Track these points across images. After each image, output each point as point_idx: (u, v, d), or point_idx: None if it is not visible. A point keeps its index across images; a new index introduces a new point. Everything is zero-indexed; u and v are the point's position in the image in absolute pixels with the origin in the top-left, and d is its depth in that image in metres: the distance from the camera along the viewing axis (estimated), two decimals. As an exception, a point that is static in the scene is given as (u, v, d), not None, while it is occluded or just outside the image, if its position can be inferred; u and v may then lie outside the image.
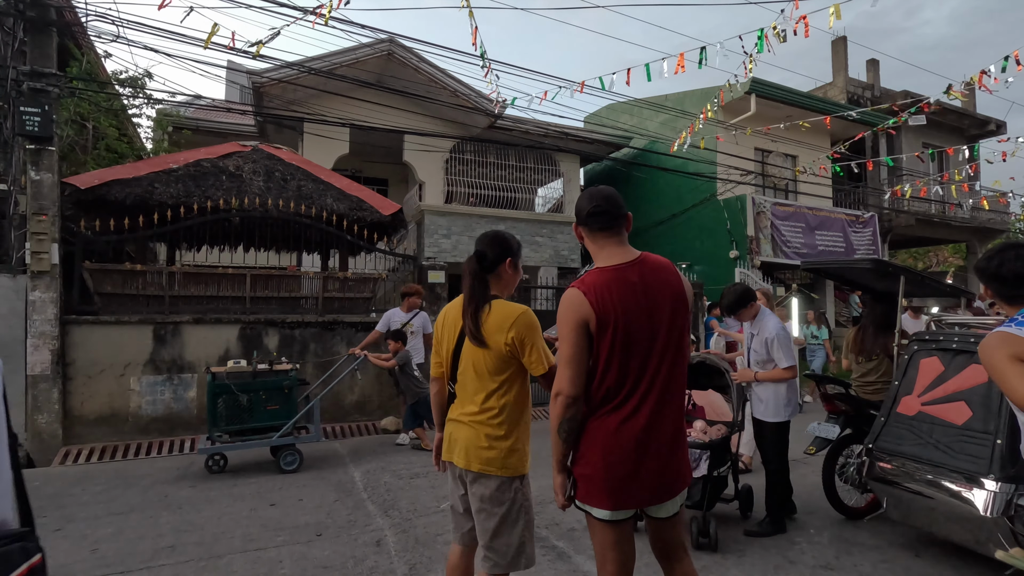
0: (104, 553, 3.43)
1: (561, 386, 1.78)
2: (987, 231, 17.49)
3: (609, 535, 1.83)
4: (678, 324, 1.87)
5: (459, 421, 2.13)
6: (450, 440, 2.16)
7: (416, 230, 12.14)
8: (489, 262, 2.14)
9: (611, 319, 1.77)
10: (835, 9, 5.51)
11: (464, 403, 2.13)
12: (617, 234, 1.92)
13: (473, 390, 2.10)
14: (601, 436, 1.80)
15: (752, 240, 12.16)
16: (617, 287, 1.80)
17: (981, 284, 2.02)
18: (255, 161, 7.41)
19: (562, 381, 1.78)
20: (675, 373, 1.86)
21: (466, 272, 2.12)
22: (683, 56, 6.59)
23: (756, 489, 4.06)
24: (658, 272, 1.88)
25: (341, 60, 10.46)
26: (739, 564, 3.29)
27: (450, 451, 2.16)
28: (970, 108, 17.65)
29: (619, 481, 1.78)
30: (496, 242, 2.18)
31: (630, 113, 14.78)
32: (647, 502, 1.84)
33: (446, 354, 2.20)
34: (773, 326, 3.78)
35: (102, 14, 6.61)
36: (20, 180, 6.22)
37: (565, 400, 1.78)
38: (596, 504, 1.81)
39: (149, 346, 6.33)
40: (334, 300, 7.40)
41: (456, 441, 2.12)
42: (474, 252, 2.16)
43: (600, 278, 1.82)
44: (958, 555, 3.33)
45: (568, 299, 1.82)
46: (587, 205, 1.92)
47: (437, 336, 2.26)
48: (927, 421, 3.35)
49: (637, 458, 1.79)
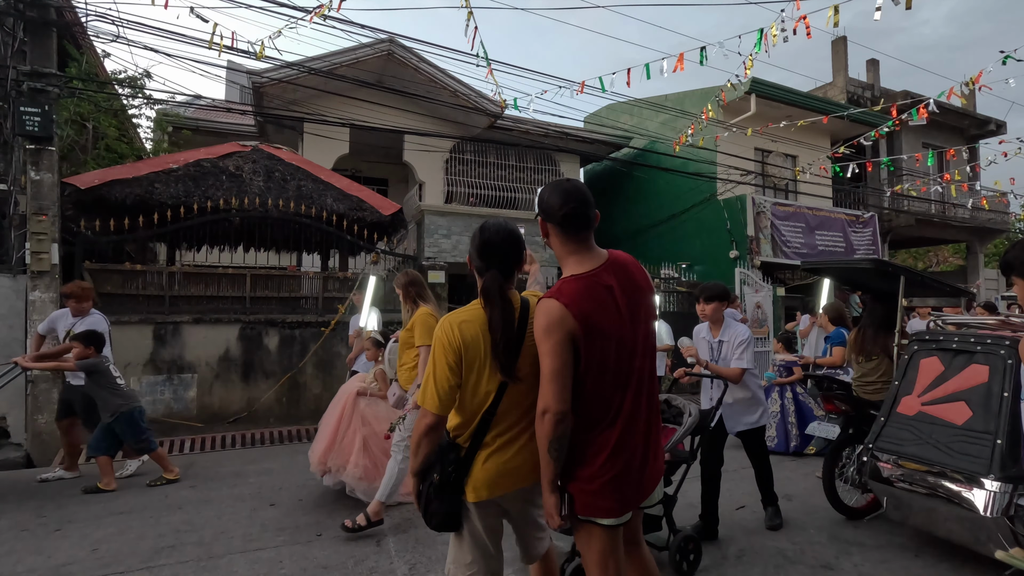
0: (104, 553, 3.43)
1: (548, 403, 1.69)
2: (987, 231, 17.49)
3: (611, 542, 1.83)
4: (652, 322, 1.92)
5: (512, 442, 1.87)
6: (510, 468, 1.86)
7: (416, 230, 12.13)
8: (512, 265, 1.92)
9: (595, 329, 1.73)
10: (833, 13, 5.51)
11: (514, 425, 1.88)
12: (590, 236, 1.86)
13: (527, 405, 1.85)
14: (599, 444, 1.78)
15: (752, 240, 12.16)
16: (596, 295, 1.76)
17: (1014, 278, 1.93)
18: (255, 161, 7.42)
19: (548, 397, 1.69)
20: (652, 369, 1.91)
21: (495, 290, 1.82)
22: (683, 56, 6.59)
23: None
24: (629, 273, 1.87)
25: (341, 60, 10.45)
26: (739, 564, 3.29)
27: (503, 484, 1.86)
28: (970, 108, 17.65)
29: (622, 485, 1.79)
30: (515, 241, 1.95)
31: (630, 113, 14.77)
32: (642, 499, 1.88)
33: (486, 389, 1.83)
34: (744, 329, 3.68)
35: (102, 14, 6.62)
36: (20, 180, 6.22)
37: (554, 417, 1.68)
38: (603, 514, 1.79)
39: (149, 346, 6.33)
40: (334, 300, 7.40)
41: (519, 466, 1.87)
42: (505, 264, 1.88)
43: (577, 286, 1.76)
44: (958, 555, 3.33)
45: (548, 312, 1.71)
46: (561, 204, 1.80)
47: (448, 362, 1.81)
48: (927, 421, 3.35)
49: (631, 459, 1.81)
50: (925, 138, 16.01)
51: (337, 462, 4.15)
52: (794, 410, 5.79)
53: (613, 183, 16.12)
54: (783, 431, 5.73)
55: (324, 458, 4.18)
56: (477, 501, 1.83)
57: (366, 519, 3.60)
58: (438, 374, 1.81)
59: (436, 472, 1.82)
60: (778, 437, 5.71)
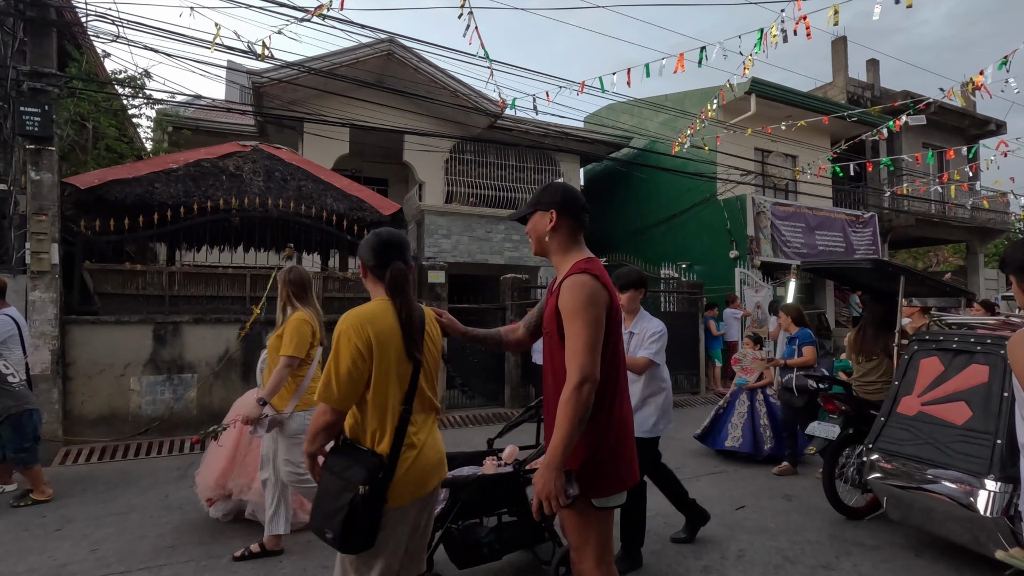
0: (104, 553, 3.43)
1: (587, 372, 1.70)
2: (987, 231, 17.50)
3: (610, 521, 1.90)
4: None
5: (425, 441, 1.87)
6: (428, 467, 1.85)
7: (416, 230, 12.15)
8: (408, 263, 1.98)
9: (614, 306, 1.87)
10: (833, 13, 5.51)
11: (423, 422, 1.90)
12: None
13: (428, 405, 1.92)
14: (610, 420, 1.85)
15: (752, 240, 12.16)
16: (609, 280, 1.92)
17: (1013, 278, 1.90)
18: (255, 161, 7.41)
19: (588, 367, 1.71)
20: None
21: (403, 278, 1.88)
22: (683, 56, 6.60)
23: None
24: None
25: (341, 60, 10.45)
26: (739, 564, 3.29)
27: (428, 482, 1.86)
28: (970, 108, 17.66)
29: (629, 462, 1.88)
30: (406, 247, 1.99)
31: (630, 113, 14.77)
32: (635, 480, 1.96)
33: (401, 377, 1.82)
34: (659, 323, 3.33)
35: (102, 14, 6.62)
36: (20, 180, 6.22)
37: (592, 386, 1.71)
38: (616, 490, 1.85)
39: (149, 346, 6.32)
40: (334, 300, 7.40)
41: (437, 465, 1.90)
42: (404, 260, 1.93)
43: (601, 267, 1.91)
44: (958, 555, 3.33)
45: (586, 285, 1.79)
46: (579, 201, 1.98)
47: (358, 356, 1.76)
48: (927, 421, 3.35)
49: (631, 435, 1.92)
50: (925, 138, 16.02)
51: (240, 482, 3.68)
52: (765, 411, 5.58)
53: (613, 183, 16.12)
54: (750, 433, 5.52)
55: (223, 480, 3.69)
56: (398, 506, 1.77)
57: (260, 547, 3.32)
58: (342, 368, 1.74)
59: (362, 484, 1.68)
60: (744, 438, 5.51)
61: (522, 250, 12.54)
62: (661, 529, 3.76)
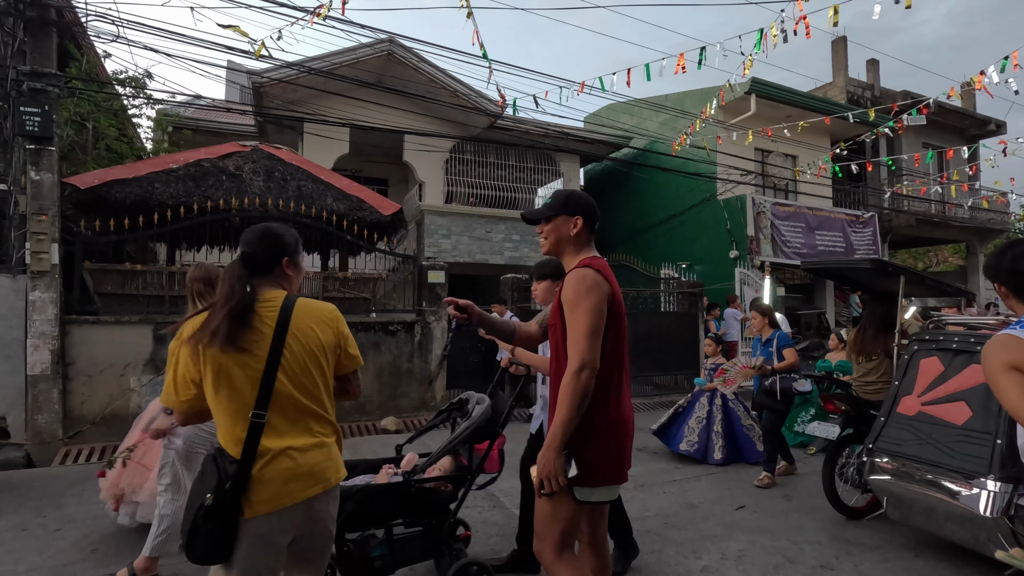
0: (104, 553, 3.43)
1: (588, 358, 1.79)
2: (987, 231, 17.49)
3: (579, 519, 1.96)
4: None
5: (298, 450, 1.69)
6: (290, 475, 1.66)
7: (416, 230, 12.14)
8: (261, 263, 1.83)
9: (616, 300, 1.95)
10: (833, 13, 5.51)
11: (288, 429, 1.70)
12: None
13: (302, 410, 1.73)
14: (605, 412, 1.90)
15: (752, 240, 12.16)
16: (612, 275, 2.02)
17: (995, 283, 1.92)
18: (255, 161, 7.41)
19: (587, 353, 1.80)
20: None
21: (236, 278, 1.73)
22: (683, 56, 6.60)
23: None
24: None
25: (341, 60, 10.45)
26: (739, 564, 3.29)
27: (291, 492, 1.65)
28: (970, 108, 17.66)
29: (618, 458, 1.94)
30: (268, 240, 1.86)
31: (630, 113, 14.78)
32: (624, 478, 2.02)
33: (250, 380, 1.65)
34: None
35: (102, 14, 6.62)
36: (20, 180, 6.22)
37: (591, 372, 1.80)
38: (615, 480, 1.92)
39: (149, 346, 6.32)
40: (334, 300, 7.40)
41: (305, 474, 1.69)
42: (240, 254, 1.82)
43: (604, 263, 2.02)
44: (958, 555, 3.33)
45: (586, 277, 1.91)
46: (598, 210, 2.14)
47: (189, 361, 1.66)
48: (927, 421, 3.35)
49: (626, 434, 1.98)
50: (925, 138, 16.02)
51: (134, 481, 3.35)
52: (721, 418, 5.49)
53: (613, 183, 16.12)
54: (705, 438, 5.45)
55: (117, 480, 3.37)
56: (254, 517, 1.60)
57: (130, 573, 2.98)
58: (180, 368, 1.68)
59: (209, 492, 1.57)
60: (698, 443, 5.42)
61: (522, 250, 12.53)
62: (661, 529, 3.76)
